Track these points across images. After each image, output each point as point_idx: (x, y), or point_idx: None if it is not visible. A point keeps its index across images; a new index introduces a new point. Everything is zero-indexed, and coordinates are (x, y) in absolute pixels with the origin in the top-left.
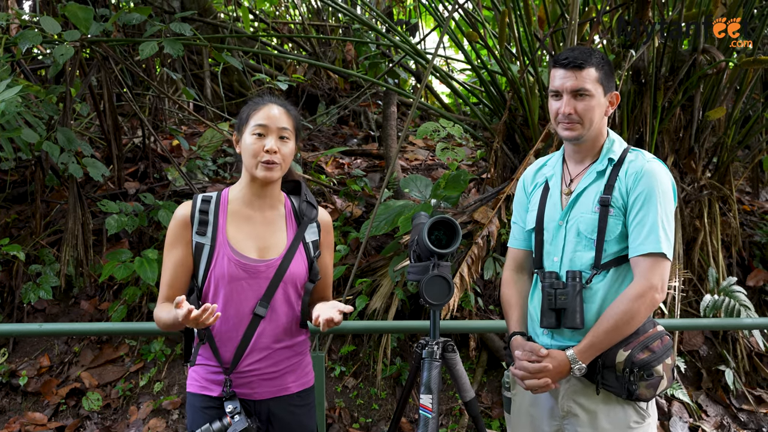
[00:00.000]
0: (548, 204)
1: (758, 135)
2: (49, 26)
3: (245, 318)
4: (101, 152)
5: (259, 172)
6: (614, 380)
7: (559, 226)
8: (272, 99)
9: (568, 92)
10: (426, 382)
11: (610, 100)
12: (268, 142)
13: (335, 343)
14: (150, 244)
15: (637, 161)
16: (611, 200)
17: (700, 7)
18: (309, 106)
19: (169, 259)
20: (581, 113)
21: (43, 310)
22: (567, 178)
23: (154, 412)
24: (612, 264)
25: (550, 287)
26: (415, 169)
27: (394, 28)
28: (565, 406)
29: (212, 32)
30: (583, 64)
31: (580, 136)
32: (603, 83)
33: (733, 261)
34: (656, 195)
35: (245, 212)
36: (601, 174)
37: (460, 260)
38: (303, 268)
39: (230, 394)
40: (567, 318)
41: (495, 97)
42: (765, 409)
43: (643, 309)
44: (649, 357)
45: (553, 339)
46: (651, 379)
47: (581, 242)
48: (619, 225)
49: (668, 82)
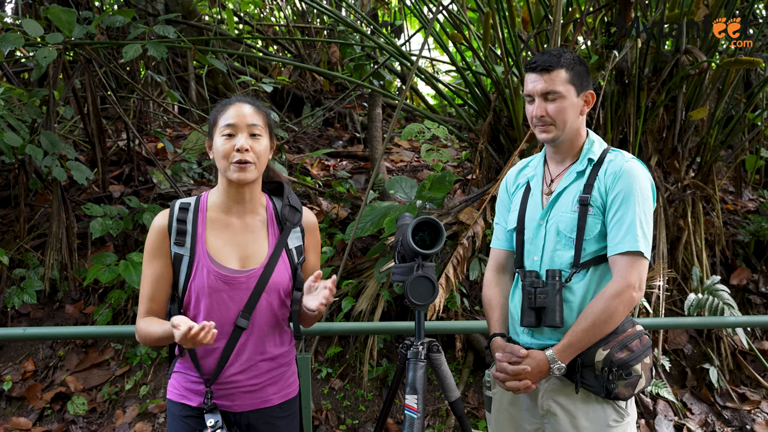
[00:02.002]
0: (529, 204)
1: (740, 135)
2: (31, 29)
3: (227, 329)
4: (85, 155)
5: (232, 174)
6: (593, 379)
7: (540, 226)
8: (240, 98)
9: (539, 95)
10: (411, 382)
11: (585, 100)
12: (238, 140)
13: (321, 345)
14: (135, 248)
15: (617, 161)
16: (590, 199)
17: (682, 8)
18: (294, 108)
19: (149, 272)
20: (553, 115)
21: (28, 314)
22: (548, 178)
23: (140, 415)
24: (591, 263)
25: (530, 286)
26: (401, 170)
27: (379, 30)
28: (544, 405)
29: (197, 35)
30: (552, 67)
31: (556, 137)
32: (575, 83)
33: (716, 260)
34: (634, 194)
35: (224, 219)
36: (580, 174)
37: (445, 261)
38: (286, 276)
39: (211, 407)
40: (547, 317)
41: (480, 98)
42: (749, 407)
43: (621, 307)
44: (628, 356)
45: (533, 338)
46: (629, 378)
47: (561, 241)
48: (598, 224)
49: (651, 83)
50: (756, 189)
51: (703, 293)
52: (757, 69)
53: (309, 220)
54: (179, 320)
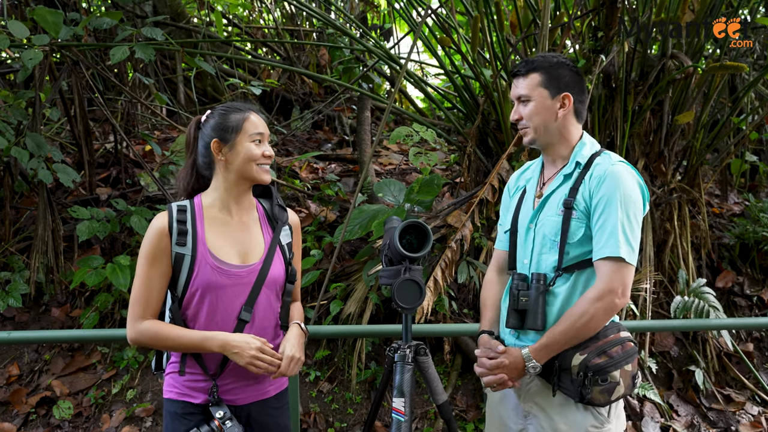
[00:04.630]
0: (523, 207)
1: (726, 139)
2: (17, 30)
3: (230, 324)
4: (72, 158)
5: (260, 175)
6: (569, 383)
7: (529, 229)
8: (251, 106)
9: (515, 99)
10: (398, 385)
11: (561, 102)
12: (267, 148)
13: (310, 348)
14: (122, 251)
15: (603, 164)
16: (574, 203)
17: (668, 13)
18: (283, 111)
19: (148, 274)
20: (526, 118)
21: (13, 317)
22: (541, 182)
23: (127, 419)
24: (575, 267)
25: (515, 288)
26: (389, 173)
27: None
28: (526, 406)
29: (185, 37)
30: (525, 72)
31: (534, 139)
32: (547, 86)
33: (702, 263)
34: (617, 198)
35: (222, 218)
36: (568, 177)
37: (433, 264)
38: (281, 271)
39: (217, 400)
40: (529, 319)
41: (468, 101)
42: (734, 408)
43: (601, 312)
44: (606, 362)
45: (518, 339)
46: (605, 384)
47: (546, 245)
48: (581, 228)
49: (638, 87)
50: (741, 192)
51: (689, 296)
52: (741, 74)
53: (294, 219)
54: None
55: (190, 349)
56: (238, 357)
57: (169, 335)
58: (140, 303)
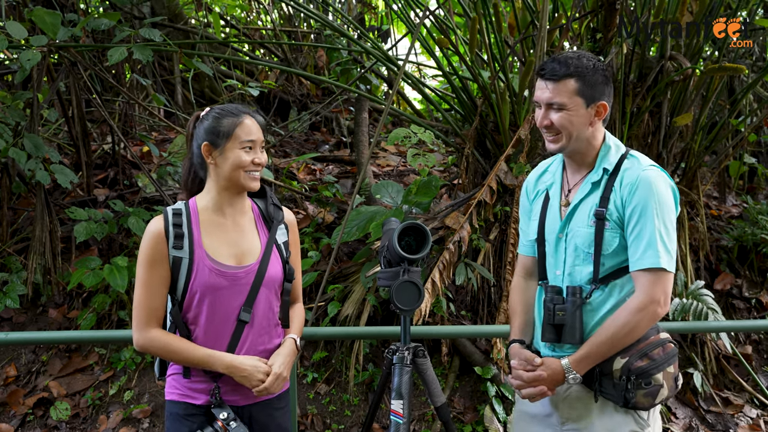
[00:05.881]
0: (548, 215)
1: (724, 141)
2: (15, 31)
3: (230, 325)
4: (70, 159)
5: (247, 182)
6: (611, 388)
7: (559, 239)
8: (247, 110)
9: (544, 104)
10: (397, 387)
11: (596, 111)
12: (258, 155)
13: (307, 350)
14: (120, 252)
15: (633, 170)
16: (606, 213)
17: (666, 14)
18: (281, 112)
19: (151, 278)
20: (558, 125)
21: (10, 318)
22: (566, 188)
23: (125, 421)
24: (611, 277)
25: (550, 302)
26: (387, 175)
27: (366, 35)
28: (564, 413)
29: (183, 38)
30: (560, 76)
31: (564, 147)
32: (584, 94)
33: (701, 265)
34: (652, 206)
35: (217, 220)
36: (596, 185)
37: (431, 266)
38: (279, 270)
39: (219, 401)
40: (566, 334)
41: (466, 103)
42: (732, 411)
43: (644, 322)
44: (648, 365)
45: (554, 351)
46: (649, 387)
47: (579, 256)
48: (616, 238)
49: (636, 88)
50: (739, 195)
51: (688, 298)
52: (740, 76)
53: (290, 218)
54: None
55: (196, 365)
56: (245, 380)
57: (178, 349)
58: (144, 308)
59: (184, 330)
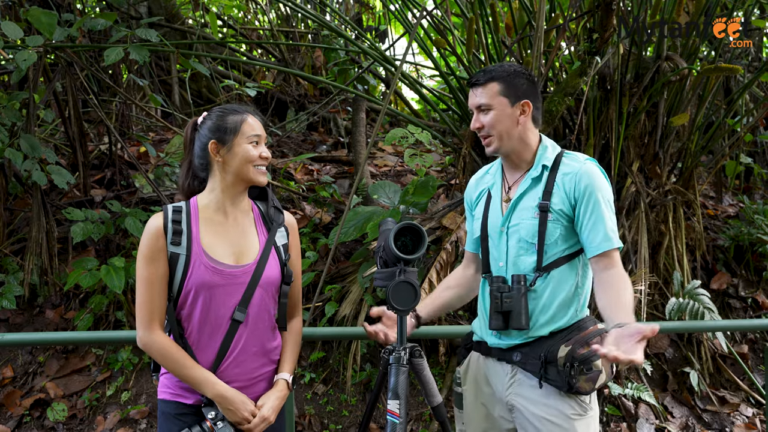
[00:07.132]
0: (490, 212)
1: (721, 141)
2: (11, 31)
3: (224, 324)
4: (66, 159)
5: (256, 176)
6: (556, 374)
7: (501, 233)
8: (249, 108)
9: (475, 109)
10: (393, 387)
11: (521, 109)
12: (264, 150)
13: (305, 350)
14: (117, 252)
15: (572, 165)
16: (550, 205)
17: (663, 15)
18: (278, 113)
19: (150, 274)
20: (487, 126)
21: (7, 319)
22: (506, 186)
23: (122, 421)
24: (553, 266)
25: (497, 291)
26: (384, 175)
27: (363, 35)
28: (510, 401)
29: (180, 38)
30: (482, 81)
31: (498, 148)
32: (507, 94)
33: (697, 264)
34: (596, 194)
35: (217, 218)
36: (536, 180)
37: (429, 266)
38: (277, 271)
39: (209, 401)
40: (513, 320)
41: (463, 103)
42: (728, 410)
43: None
44: (589, 352)
45: (500, 339)
46: (590, 373)
47: (523, 247)
48: (557, 228)
49: (633, 89)
50: (736, 194)
51: (684, 297)
52: (736, 76)
53: (290, 221)
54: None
55: (186, 382)
56: (229, 413)
57: (175, 360)
58: (146, 306)
59: (177, 327)
